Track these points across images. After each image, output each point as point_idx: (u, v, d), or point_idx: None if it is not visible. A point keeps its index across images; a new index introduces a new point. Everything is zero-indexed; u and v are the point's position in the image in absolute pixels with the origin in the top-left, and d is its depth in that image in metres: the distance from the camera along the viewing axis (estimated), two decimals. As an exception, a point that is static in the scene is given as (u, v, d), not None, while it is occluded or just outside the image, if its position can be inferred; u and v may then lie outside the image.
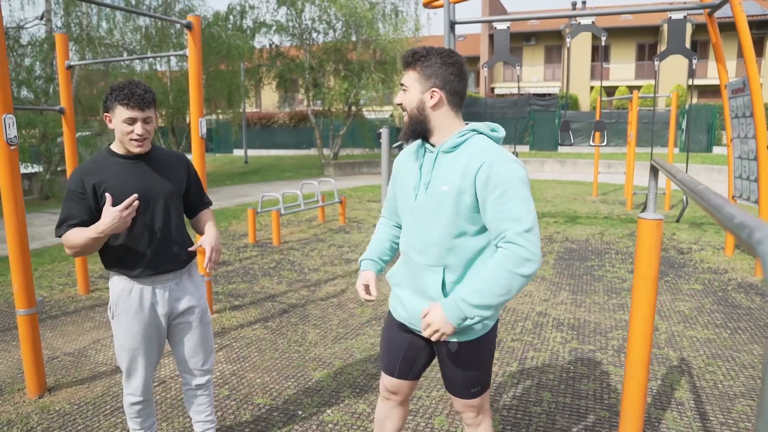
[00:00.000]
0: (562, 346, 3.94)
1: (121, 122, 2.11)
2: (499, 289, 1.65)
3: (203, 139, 4.46)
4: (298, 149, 29.00)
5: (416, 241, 1.86)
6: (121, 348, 2.29)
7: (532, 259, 1.64)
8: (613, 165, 18.02)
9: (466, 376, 1.90)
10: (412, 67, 1.80)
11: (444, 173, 1.78)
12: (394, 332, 2.03)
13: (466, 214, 1.75)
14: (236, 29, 17.97)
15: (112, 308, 2.28)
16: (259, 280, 5.84)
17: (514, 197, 1.67)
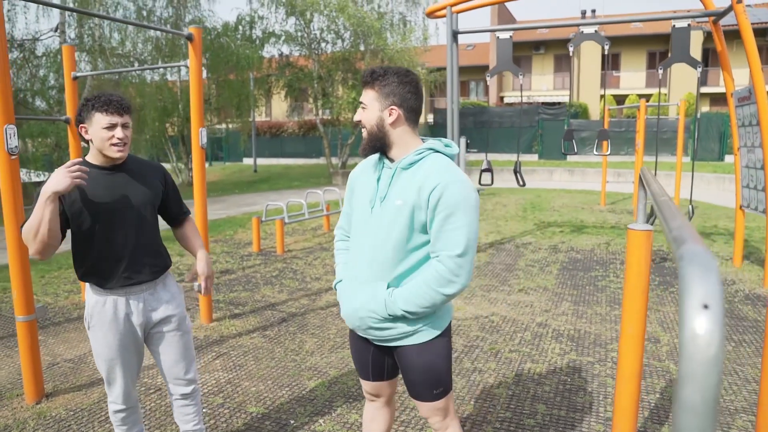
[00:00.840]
0: (560, 358, 3.91)
1: (100, 129, 2.13)
2: (422, 302, 1.82)
3: (203, 148, 4.50)
4: (307, 158, 29.12)
5: (365, 254, 1.93)
6: (99, 357, 2.30)
7: (455, 282, 1.80)
8: (623, 174, 17.91)
9: (425, 377, 1.95)
10: (370, 86, 1.87)
11: (400, 189, 1.86)
12: (356, 342, 2.12)
13: (417, 231, 1.84)
14: (245, 39, 18.15)
15: (87, 319, 2.28)
16: (261, 288, 5.85)
17: (457, 221, 1.78)
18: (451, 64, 6.57)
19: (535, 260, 7.03)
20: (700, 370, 0.48)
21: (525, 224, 9.88)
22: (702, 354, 0.48)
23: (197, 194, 4.59)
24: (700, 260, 0.54)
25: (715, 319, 0.49)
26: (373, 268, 1.90)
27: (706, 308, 0.49)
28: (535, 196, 14.10)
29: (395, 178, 1.88)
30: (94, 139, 2.16)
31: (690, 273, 0.53)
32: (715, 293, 0.50)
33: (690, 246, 0.58)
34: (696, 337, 0.48)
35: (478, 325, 4.61)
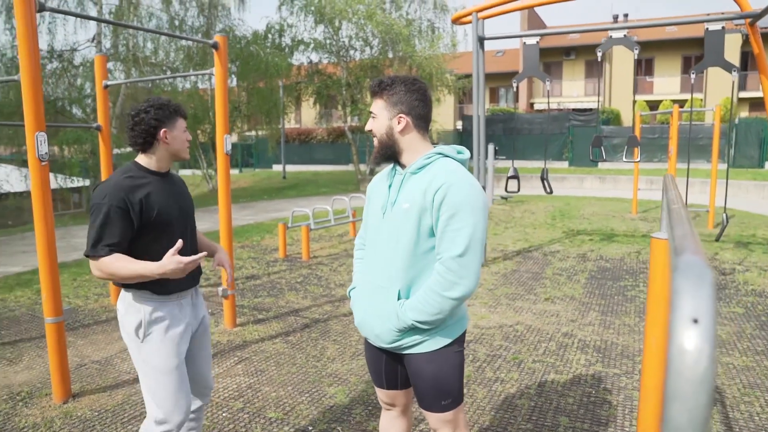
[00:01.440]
0: (585, 369, 3.81)
1: (183, 132, 2.22)
2: (430, 309, 1.80)
3: (228, 155, 4.55)
4: (335, 165, 29.29)
5: (377, 259, 1.95)
6: (158, 372, 2.12)
7: (459, 284, 1.77)
8: (655, 182, 17.51)
9: (433, 387, 1.93)
10: (378, 95, 1.91)
11: (407, 193, 1.88)
12: (370, 349, 2.11)
13: (425, 234, 1.84)
14: (275, 47, 18.40)
15: (142, 331, 2.12)
16: (285, 294, 5.89)
17: (460, 221, 1.77)
18: (477, 71, 6.52)
19: (562, 269, 6.91)
20: (687, 388, 0.45)
21: (553, 232, 9.73)
22: (690, 371, 0.45)
23: (222, 200, 4.65)
24: (694, 271, 0.51)
25: (704, 335, 0.46)
26: (385, 273, 1.91)
27: (695, 322, 0.46)
28: (565, 204, 13.88)
29: (404, 183, 1.91)
30: (176, 142, 2.20)
31: (681, 284, 0.50)
32: (706, 307, 0.47)
33: (685, 257, 0.55)
34: (684, 353, 0.45)
35: (501, 334, 4.54)
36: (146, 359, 2.14)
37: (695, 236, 0.64)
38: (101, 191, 2.06)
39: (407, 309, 1.84)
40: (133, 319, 2.13)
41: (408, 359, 1.96)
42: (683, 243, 0.60)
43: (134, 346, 2.15)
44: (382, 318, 1.90)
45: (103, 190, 2.05)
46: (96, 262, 2.03)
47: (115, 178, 2.10)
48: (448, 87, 21.61)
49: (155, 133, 2.15)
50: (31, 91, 3.22)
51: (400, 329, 1.87)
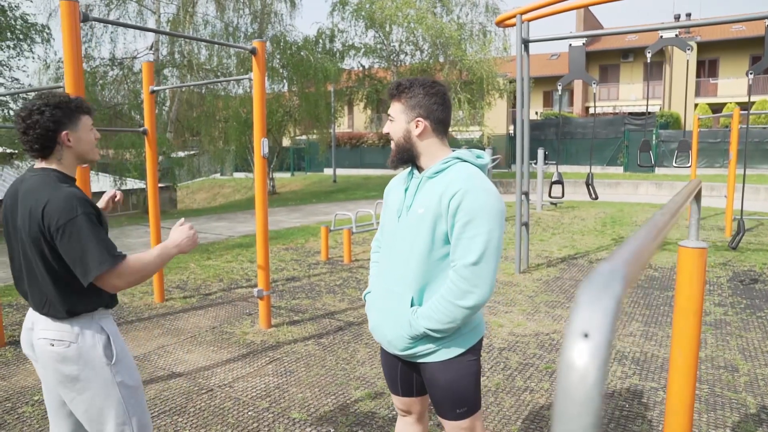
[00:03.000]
0: (621, 381, 3.66)
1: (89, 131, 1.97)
2: (443, 317, 1.76)
3: (265, 158, 4.64)
4: (385, 169, 29.37)
5: (391, 264, 1.92)
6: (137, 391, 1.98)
7: (473, 293, 1.72)
8: (716, 188, 16.67)
9: (448, 395, 1.88)
10: (396, 98, 1.88)
11: (423, 197, 1.84)
12: (386, 357, 2.08)
13: (440, 240, 1.80)
14: (325, 52, 18.67)
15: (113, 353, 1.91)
16: (323, 296, 5.94)
17: (476, 228, 1.73)
18: (521, 73, 6.40)
19: (608, 277, 6.66)
20: (572, 407, 0.41)
21: (602, 239, 9.41)
22: (575, 389, 0.41)
23: (258, 202, 4.74)
24: (599, 282, 0.47)
25: (593, 351, 0.42)
26: (399, 279, 1.88)
27: (585, 337, 0.43)
28: (617, 210, 13.42)
29: (420, 187, 1.87)
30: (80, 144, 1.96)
31: (581, 295, 0.46)
32: (599, 320, 0.43)
33: (602, 266, 0.51)
34: (571, 370, 0.42)
35: (536, 343, 4.43)
36: (123, 380, 1.92)
37: (635, 246, 0.59)
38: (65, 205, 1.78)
39: (419, 316, 1.81)
40: (97, 342, 1.89)
41: (423, 367, 1.93)
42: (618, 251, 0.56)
43: (103, 372, 1.88)
44: (395, 324, 1.88)
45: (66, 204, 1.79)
46: (118, 270, 1.82)
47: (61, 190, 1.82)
48: (499, 91, 21.33)
49: (54, 137, 1.87)
50: (76, 97, 3.38)
51: (412, 336, 1.84)
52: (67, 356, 1.85)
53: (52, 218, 1.78)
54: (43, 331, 1.88)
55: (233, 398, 3.47)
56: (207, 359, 4.14)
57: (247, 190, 25.30)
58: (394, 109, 1.89)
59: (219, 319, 5.13)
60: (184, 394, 3.53)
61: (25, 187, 1.89)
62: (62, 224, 1.77)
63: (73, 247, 1.78)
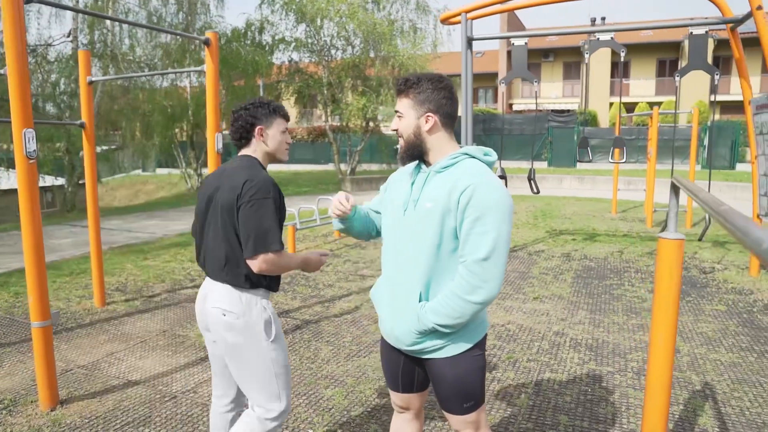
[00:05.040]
0: (579, 367, 3.84)
1: (281, 133, 2.27)
2: (452, 312, 1.77)
3: (220, 153, 4.48)
4: (315, 164, 29.16)
5: (398, 258, 1.91)
6: (283, 367, 2.21)
7: (482, 288, 1.73)
8: (633, 182, 17.80)
9: (456, 391, 1.91)
10: (404, 94, 1.87)
11: (430, 192, 1.84)
12: (388, 353, 2.08)
13: (448, 235, 1.80)
14: (255, 45, 18.22)
15: (267, 328, 2.15)
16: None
17: (486, 224, 1.73)
18: (466, 71, 6.54)
19: (548, 268, 6.96)
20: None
21: (537, 232, 9.81)
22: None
23: (212, 200, 4.56)
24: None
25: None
26: (407, 273, 1.87)
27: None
28: (546, 204, 14.02)
29: (428, 182, 1.87)
30: (271, 142, 2.26)
31: None
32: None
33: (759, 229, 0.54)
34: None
35: (494, 334, 4.56)
36: (275, 357, 2.17)
37: None
38: (264, 185, 2.08)
39: (428, 312, 1.80)
40: (260, 318, 2.15)
41: (429, 364, 1.93)
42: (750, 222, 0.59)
43: (257, 345, 2.14)
44: (403, 319, 1.87)
45: (265, 184, 2.08)
46: (274, 256, 2.06)
47: (262, 173, 2.15)
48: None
49: (252, 130, 2.23)
50: (19, 87, 3.12)
51: (420, 332, 1.84)
52: (234, 326, 2.12)
53: (249, 191, 2.06)
54: (217, 302, 2.15)
55: (200, 404, 3.33)
56: (163, 364, 3.95)
57: (172, 186, 24.31)
58: (402, 105, 1.86)
59: (169, 322, 4.90)
60: (146, 403, 3.35)
61: (231, 166, 2.22)
62: (254, 198, 2.05)
63: (253, 219, 2.04)
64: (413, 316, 1.84)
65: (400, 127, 1.88)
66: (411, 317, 1.85)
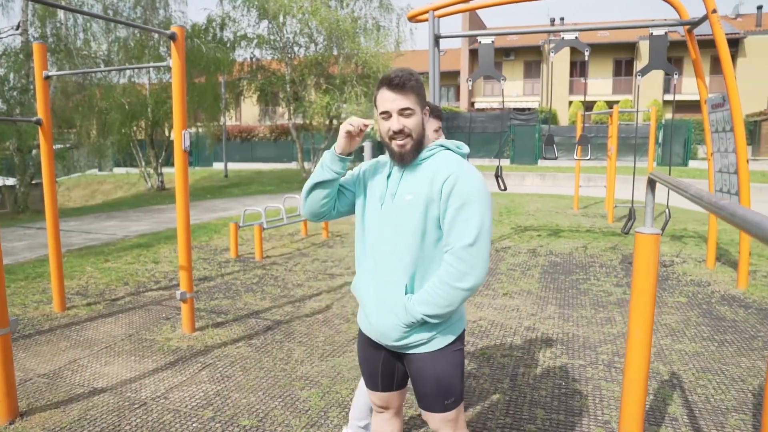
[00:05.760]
0: (552, 361, 3.90)
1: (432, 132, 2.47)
2: (442, 301, 1.78)
3: (186, 152, 4.36)
4: (278, 163, 28.85)
5: (378, 252, 1.90)
6: None
7: (470, 274, 1.76)
8: (593, 179, 18.23)
9: (438, 387, 1.90)
10: (411, 89, 1.84)
11: (410, 184, 1.85)
12: (367, 351, 2.05)
13: (432, 226, 1.82)
14: (216, 42, 17.87)
15: None
16: (242, 296, 5.71)
17: (470, 211, 1.77)
18: (433, 68, 6.55)
19: (516, 264, 7.06)
20: None
21: (502, 228, 9.94)
22: None
23: (180, 200, 4.44)
24: None
25: None
26: (391, 266, 1.86)
27: None
28: (509, 201, 14.22)
29: (405, 175, 1.88)
30: None
31: None
32: None
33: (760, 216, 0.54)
34: None
35: (467, 331, 4.57)
36: None
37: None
38: None
39: (416, 303, 1.80)
40: None
41: (410, 359, 1.92)
42: None
43: None
44: (390, 314, 1.86)
45: None
46: None
47: None
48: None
49: None
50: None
51: (408, 324, 1.83)
52: None
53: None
54: None
55: (172, 410, 3.23)
56: (130, 370, 3.82)
57: (131, 186, 23.64)
58: (410, 101, 1.82)
59: (134, 326, 4.75)
60: (114, 411, 3.23)
61: None
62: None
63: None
64: (400, 310, 1.84)
65: (411, 125, 1.83)
66: (398, 311, 1.84)
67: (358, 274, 2.01)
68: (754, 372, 3.76)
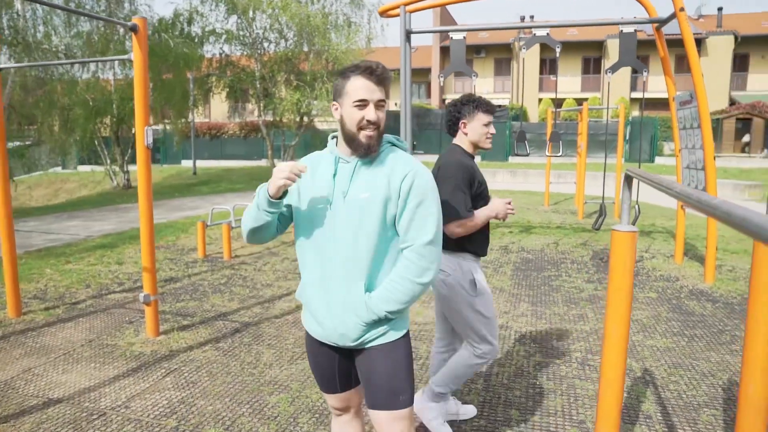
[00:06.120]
0: (526, 360, 3.86)
1: (482, 126, 2.72)
2: (403, 297, 1.79)
3: (149, 149, 4.18)
4: (248, 160, 28.44)
5: (329, 254, 1.83)
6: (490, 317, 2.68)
7: (430, 269, 1.80)
8: (563, 175, 18.43)
9: (391, 380, 1.86)
10: (388, 82, 1.82)
11: (364, 182, 1.80)
12: (318, 354, 1.99)
13: (389, 224, 1.81)
14: (184, 37, 17.46)
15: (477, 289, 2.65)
16: (210, 297, 5.54)
17: (428, 207, 1.79)
18: (405, 64, 6.47)
19: (488, 261, 7.03)
20: None
21: (474, 225, 9.91)
22: None
23: (142, 198, 4.26)
24: None
25: None
26: (347, 267, 1.80)
27: None
28: (481, 197, 14.23)
29: (356, 172, 1.82)
30: (472, 134, 2.73)
31: None
32: None
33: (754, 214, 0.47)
34: None
35: (439, 330, 4.51)
36: (479, 309, 2.65)
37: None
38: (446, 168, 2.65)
39: (378, 301, 1.79)
40: (464, 278, 2.65)
41: (365, 354, 1.87)
42: None
43: (466, 299, 2.64)
44: (351, 315, 1.81)
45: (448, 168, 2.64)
46: (465, 221, 2.58)
47: (453, 158, 2.69)
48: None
49: (457, 123, 2.74)
50: None
51: (368, 322, 1.81)
52: (445, 281, 2.66)
53: (442, 171, 2.65)
54: None
55: (133, 420, 3.07)
56: (90, 378, 3.64)
57: (96, 184, 23.00)
58: (384, 94, 1.81)
59: (95, 331, 4.55)
60: (71, 423, 3.06)
61: (442, 153, 2.79)
62: (444, 177, 2.61)
63: (443, 195, 2.43)
64: (361, 309, 1.80)
65: (382, 118, 1.81)
66: (359, 311, 1.80)
67: (305, 281, 1.92)
68: (723, 366, 3.79)
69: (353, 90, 1.77)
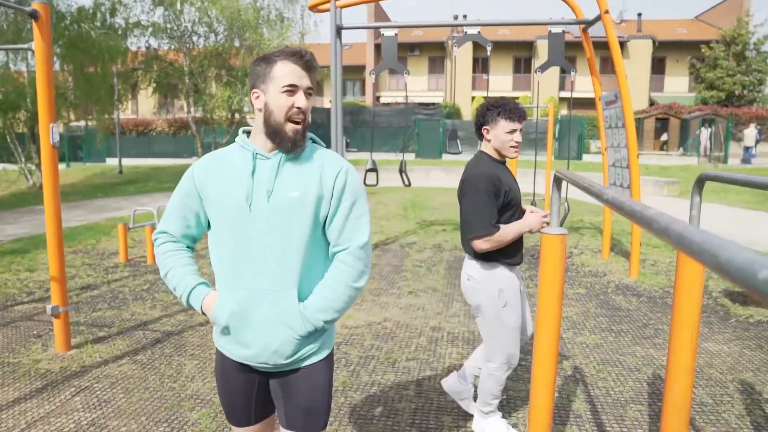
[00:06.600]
0: (458, 362, 3.82)
1: (505, 133, 2.61)
2: (341, 304, 1.68)
3: (56, 147, 3.84)
4: (178, 158, 27.38)
5: (258, 262, 1.62)
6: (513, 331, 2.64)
7: (366, 272, 1.72)
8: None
9: (321, 402, 1.73)
10: (315, 71, 1.68)
11: (291, 179, 1.64)
12: (238, 381, 1.76)
13: (320, 226, 1.69)
14: (105, 28, 16.52)
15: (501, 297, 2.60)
16: (130, 305, 5.20)
17: (361, 208, 1.71)
18: (335, 60, 6.33)
19: (421, 260, 7.01)
20: None
21: (407, 223, 9.92)
22: None
23: (49, 200, 3.91)
24: None
25: None
26: (275, 275, 1.61)
27: None
28: (415, 195, 14.31)
29: (281, 169, 1.65)
30: (495, 140, 2.64)
31: None
32: None
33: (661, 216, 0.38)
34: None
35: (371, 333, 4.41)
36: (504, 319, 2.62)
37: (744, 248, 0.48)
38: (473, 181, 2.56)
39: (314, 311, 1.65)
40: (494, 287, 2.61)
41: (297, 376, 1.71)
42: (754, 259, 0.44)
43: (493, 308, 2.62)
44: (283, 328, 1.63)
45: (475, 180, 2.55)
46: (491, 237, 2.51)
47: (479, 169, 2.59)
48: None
49: (480, 128, 2.70)
50: None
51: (303, 335, 1.65)
52: (474, 289, 2.67)
53: (467, 184, 2.60)
54: (467, 269, 2.72)
55: (34, 447, 2.79)
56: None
57: (9, 184, 21.42)
58: (312, 81, 1.67)
59: (-4, 348, 4.15)
60: (-40, 453, 2.74)
61: (469, 161, 2.73)
62: (469, 190, 2.57)
63: (467, 209, 2.57)
64: (296, 321, 1.62)
65: (309, 107, 1.67)
66: (293, 323, 1.62)
67: (222, 297, 1.68)
68: (647, 361, 3.89)
69: (281, 75, 1.60)
